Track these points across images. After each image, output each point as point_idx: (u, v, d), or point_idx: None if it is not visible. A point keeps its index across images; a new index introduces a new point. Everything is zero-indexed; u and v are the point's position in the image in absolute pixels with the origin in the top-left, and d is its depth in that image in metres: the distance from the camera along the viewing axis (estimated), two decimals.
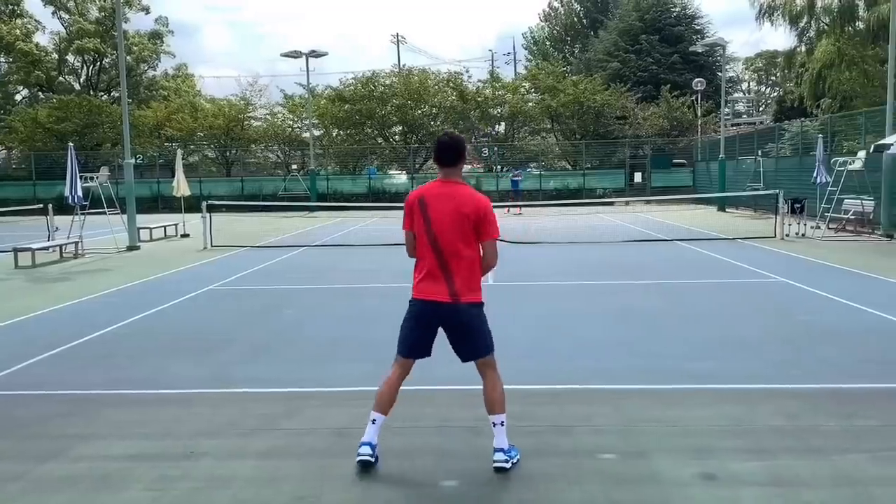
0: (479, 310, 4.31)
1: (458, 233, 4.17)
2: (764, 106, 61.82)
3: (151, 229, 20.70)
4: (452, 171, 4.30)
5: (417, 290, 4.29)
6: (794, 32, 36.93)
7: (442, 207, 4.19)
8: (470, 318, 4.25)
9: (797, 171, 23.20)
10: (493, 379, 4.33)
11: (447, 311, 4.21)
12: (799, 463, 4.26)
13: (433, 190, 4.29)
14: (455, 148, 4.29)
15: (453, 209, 4.17)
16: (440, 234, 4.18)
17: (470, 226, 4.17)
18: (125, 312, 9.29)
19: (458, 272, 4.19)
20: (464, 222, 4.16)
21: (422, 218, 4.23)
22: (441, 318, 4.26)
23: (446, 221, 4.17)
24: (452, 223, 4.16)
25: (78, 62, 50.79)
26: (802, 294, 9.97)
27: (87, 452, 4.65)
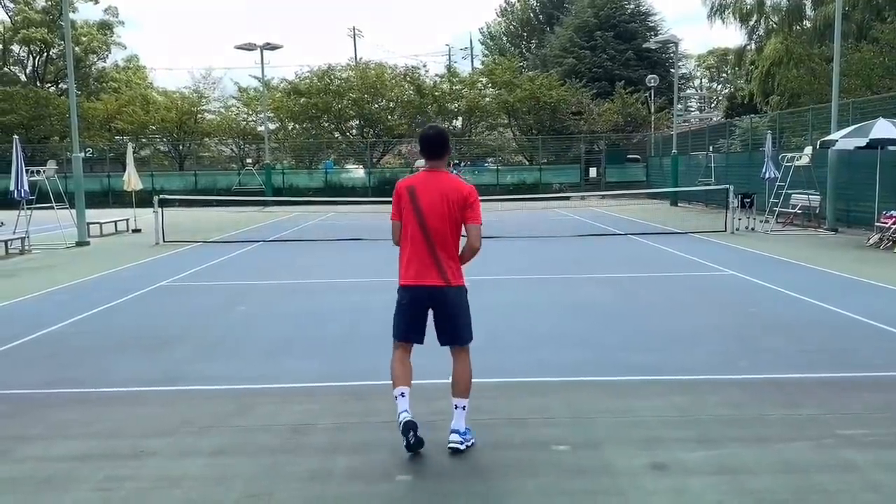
0: (464, 293, 4.54)
1: (447, 220, 4.37)
2: (715, 102, 62.99)
3: (101, 224, 20.25)
4: (438, 163, 4.50)
5: (408, 277, 4.46)
6: (744, 31, 37.89)
7: (431, 196, 4.37)
8: (459, 301, 4.49)
9: (747, 166, 23.71)
10: (466, 364, 4.52)
11: (440, 294, 4.41)
12: (745, 451, 4.36)
13: (422, 179, 4.46)
14: (440, 140, 4.51)
15: (441, 197, 4.35)
16: (430, 221, 4.36)
17: (457, 212, 4.37)
18: (73, 310, 9.07)
19: (448, 257, 4.42)
20: (452, 209, 4.36)
21: (411, 206, 4.39)
22: (434, 301, 4.44)
23: (435, 209, 4.35)
24: (441, 210, 4.35)
25: (24, 52, 49.34)
26: (750, 286, 10.20)
27: (31, 453, 4.53)
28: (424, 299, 4.45)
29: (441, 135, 4.55)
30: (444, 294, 4.42)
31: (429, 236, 4.38)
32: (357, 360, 6.65)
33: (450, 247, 4.43)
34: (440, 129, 4.66)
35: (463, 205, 4.38)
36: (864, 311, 8.19)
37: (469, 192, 4.43)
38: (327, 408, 5.29)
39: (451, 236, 4.42)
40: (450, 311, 4.47)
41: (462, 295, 4.51)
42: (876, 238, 14.48)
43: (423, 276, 4.40)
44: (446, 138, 4.56)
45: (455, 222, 4.40)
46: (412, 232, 4.41)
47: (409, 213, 4.41)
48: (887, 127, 14.28)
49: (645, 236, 17.12)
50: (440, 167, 4.51)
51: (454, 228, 4.41)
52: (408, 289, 4.47)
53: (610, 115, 39.01)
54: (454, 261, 4.47)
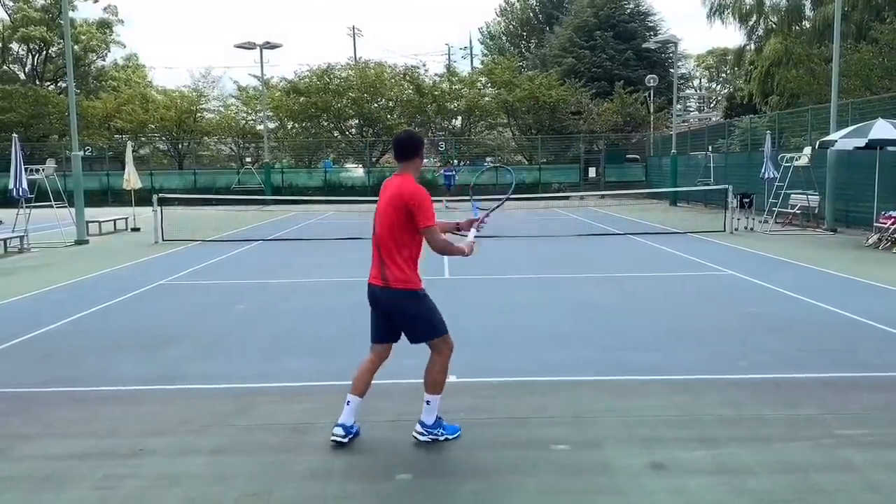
0: (413, 297, 4.46)
1: (388, 222, 4.43)
2: (715, 103, 63.04)
3: (101, 223, 20.25)
4: (406, 166, 4.54)
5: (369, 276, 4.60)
6: (743, 31, 37.86)
7: (383, 198, 4.52)
8: (403, 304, 4.47)
9: (746, 166, 23.72)
10: (434, 361, 4.54)
11: (380, 294, 4.48)
12: (744, 451, 4.36)
13: (387, 182, 4.62)
14: (406, 144, 4.55)
15: (387, 201, 4.47)
16: (378, 223, 4.52)
17: (401, 215, 4.38)
18: (72, 308, 9.06)
19: (389, 259, 4.43)
20: (393, 213, 4.40)
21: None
22: (378, 301, 4.53)
23: (382, 212, 4.49)
24: (385, 213, 4.46)
25: (23, 51, 49.28)
26: (749, 286, 10.20)
27: (30, 452, 4.53)
28: (372, 298, 4.56)
29: (409, 139, 4.61)
30: (383, 295, 4.46)
31: (375, 237, 4.53)
32: (356, 359, 6.56)
33: (391, 250, 4.41)
34: (411, 133, 4.82)
35: (407, 210, 4.34)
36: (864, 312, 8.19)
37: (410, 195, 4.35)
38: (327, 407, 5.27)
39: (391, 240, 4.41)
40: (396, 314, 4.50)
41: (405, 297, 4.43)
42: (875, 238, 14.49)
43: (372, 275, 4.54)
44: (413, 143, 4.57)
45: (395, 226, 4.39)
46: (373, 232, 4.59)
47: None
48: (886, 127, 14.28)
49: (644, 236, 17.13)
50: (405, 170, 4.53)
51: (400, 230, 4.38)
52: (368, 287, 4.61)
53: (609, 114, 39.02)
54: (396, 265, 4.40)
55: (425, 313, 4.50)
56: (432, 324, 4.51)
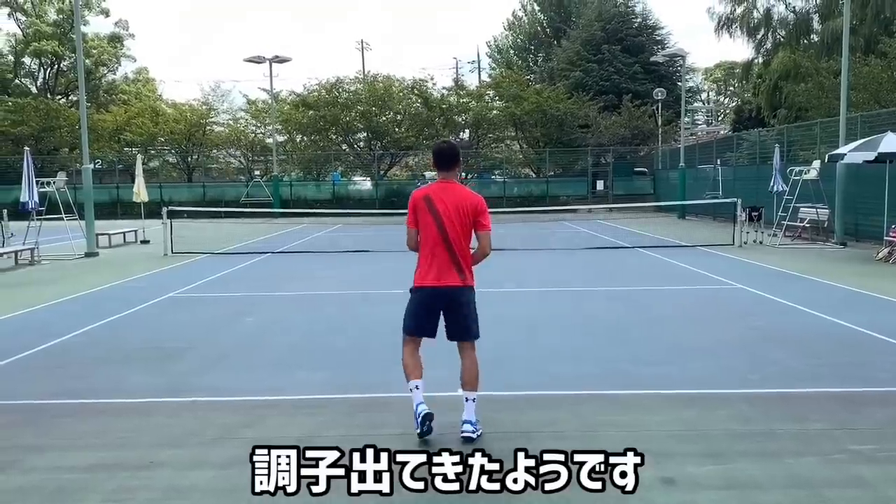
0: (474, 293, 5.00)
1: (462, 226, 4.80)
2: (723, 116, 63.05)
3: (110, 235, 20.36)
4: (450, 174, 4.93)
5: (428, 279, 4.84)
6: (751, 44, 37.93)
7: (446, 204, 4.79)
8: (470, 299, 4.94)
9: (754, 179, 23.68)
10: (473, 359, 4.95)
11: (458, 294, 4.86)
12: (754, 466, 4.35)
13: (437, 190, 4.88)
14: (452, 154, 4.97)
15: (456, 205, 4.79)
16: (449, 227, 4.77)
17: (470, 220, 4.81)
18: (82, 320, 9.11)
19: (464, 259, 4.86)
20: (465, 216, 4.79)
21: (429, 214, 4.80)
22: (450, 300, 4.87)
23: (451, 216, 4.77)
24: (457, 217, 4.78)
25: (35, 65, 49.79)
26: (758, 300, 10.18)
27: (41, 464, 4.55)
28: (443, 298, 4.86)
29: (453, 148, 5.03)
30: (461, 293, 4.86)
31: (448, 241, 4.78)
32: (365, 373, 6.66)
33: (465, 250, 4.87)
34: (452, 143, 5.26)
35: (474, 213, 4.82)
36: (874, 326, 8.15)
37: (479, 201, 4.89)
38: (336, 420, 5.30)
39: (465, 241, 4.86)
40: (464, 309, 4.89)
41: (473, 295, 4.98)
42: (885, 252, 14.43)
43: (443, 277, 4.82)
44: (458, 152, 5.05)
45: (467, 229, 4.84)
46: (432, 238, 4.81)
47: (427, 221, 4.81)
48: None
49: (652, 249, 17.11)
50: (452, 178, 4.93)
51: (467, 234, 4.86)
52: (426, 289, 4.86)
53: (617, 128, 39.06)
54: (467, 263, 4.90)
55: (476, 310, 5.01)
56: (478, 323, 5.02)
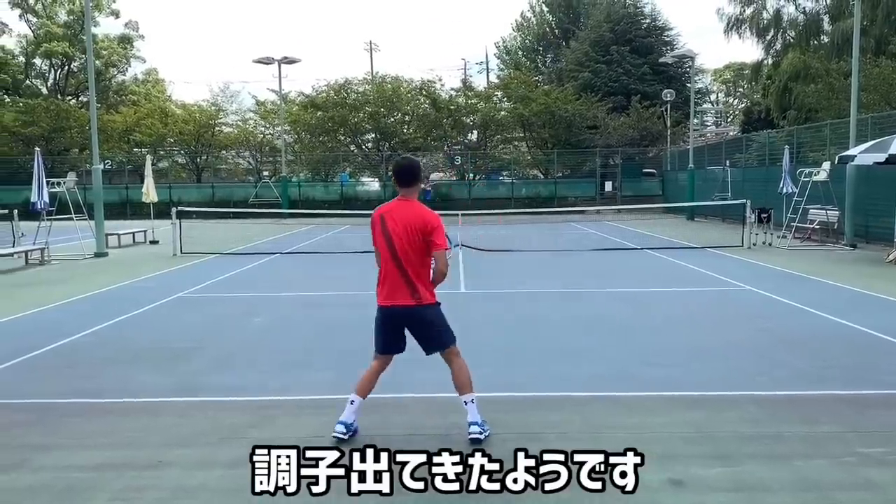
0: (437, 308, 4.92)
1: (410, 244, 4.71)
2: (732, 117, 62.85)
3: (120, 235, 20.45)
4: (408, 191, 4.84)
5: (382, 297, 4.86)
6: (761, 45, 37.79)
7: (397, 222, 4.73)
8: (431, 317, 4.87)
9: (764, 181, 23.59)
10: (459, 364, 4.91)
11: (411, 313, 4.82)
12: (762, 468, 4.33)
13: (391, 208, 4.84)
14: (411, 171, 4.86)
15: (405, 224, 4.71)
16: (398, 245, 4.72)
17: (419, 238, 4.71)
18: (91, 320, 9.15)
19: (418, 279, 4.77)
20: (413, 234, 4.70)
21: (382, 234, 4.78)
22: (407, 319, 4.85)
23: (401, 234, 4.71)
24: (405, 235, 4.71)
25: (45, 66, 50.08)
26: (767, 301, 10.13)
27: (50, 462, 4.58)
28: (398, 318, 4.85)
29: (411, 166, 4.91)
30: (415, 313, 4.81)
31: (397, 259, 4.74)
32: None
33: (417, 268, 4.76)
34: (413, 160, 5.10)
35: (423, 232, 4.70)
36: (883, 328, 8.11)
37: (430, 220, 4.74)
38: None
39: (416, 259, 4.74)
40: (427, 328, 4.88)
41: (433, 311, 4.88)
42: (895, 254, 14.34)
43: (393, 296, 4.79)
44: (416, 169, 4.91)
45: (417, 247, 4.72)
46: (384, 257, 4.80)
47: (380, 240, 4.81)
48: None
49: (661, 251, 17.06)
50: (410, 195, 4.83)
51: (418, 252, 4.74)
52: (382, 309, 4.88)
53: (625, 129, 38.99)
54: (422, 282, 4.79)
55: (445, 321, 4.95)
56: (450, 330, 4.97)
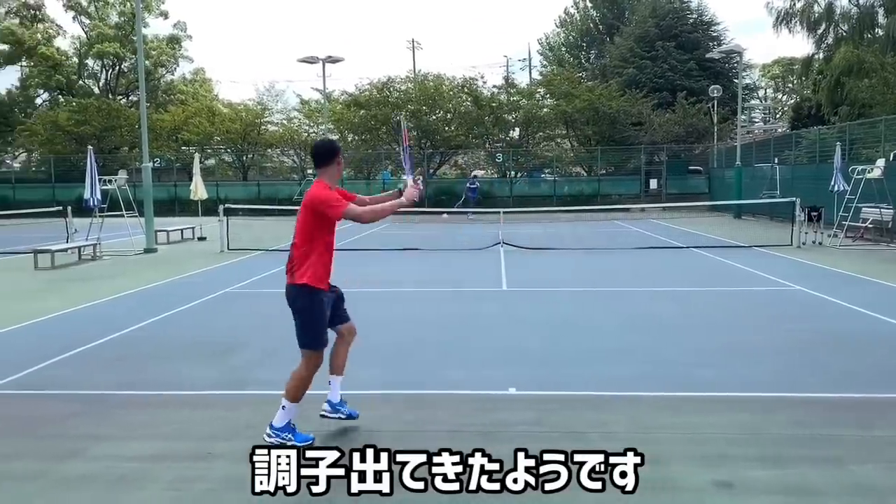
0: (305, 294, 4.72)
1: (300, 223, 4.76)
2: (781, 113, 61.46)
3: (168, 232, 20.87)
4: (321, 172, 4.88)
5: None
6: (812, 39, 36.80)
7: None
8: (295, 299, 4.75)
9: (814, 178, 23.02)
10: (300, 365, 4.84)
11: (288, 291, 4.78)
12: (814, 472, 4.24)
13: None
14: (319, 151, 4.92)
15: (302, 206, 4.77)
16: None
17: (311, 216, 4.72)
18: (141, 314, 9.37)
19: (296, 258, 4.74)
20: (306, 214, 4.73)
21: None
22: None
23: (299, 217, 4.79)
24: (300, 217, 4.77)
25: (97, 66, 51.37)
26: (818, 302, 9.90)
27: (105, 452, 4.71)
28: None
29: (321, 146, 4.98)
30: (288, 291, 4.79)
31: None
32: (417, 369, 6.70)
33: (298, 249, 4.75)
34: (325, 141, 5.16)
35: (314, 207, 4.70)
36: None
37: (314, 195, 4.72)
38: (387, 415, 5.35)
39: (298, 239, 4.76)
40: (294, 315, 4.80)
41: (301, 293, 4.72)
42: None
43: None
44: (326, 150, 4.90)
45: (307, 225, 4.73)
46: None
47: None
48: None
49: (707, 249, 16.78)
50: (321, 177, 4.86)
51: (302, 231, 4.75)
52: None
53: (671, 125, 38.42)
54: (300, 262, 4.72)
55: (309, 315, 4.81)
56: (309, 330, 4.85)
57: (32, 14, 49.05)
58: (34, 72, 48.70)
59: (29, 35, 47.15)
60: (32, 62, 48.35)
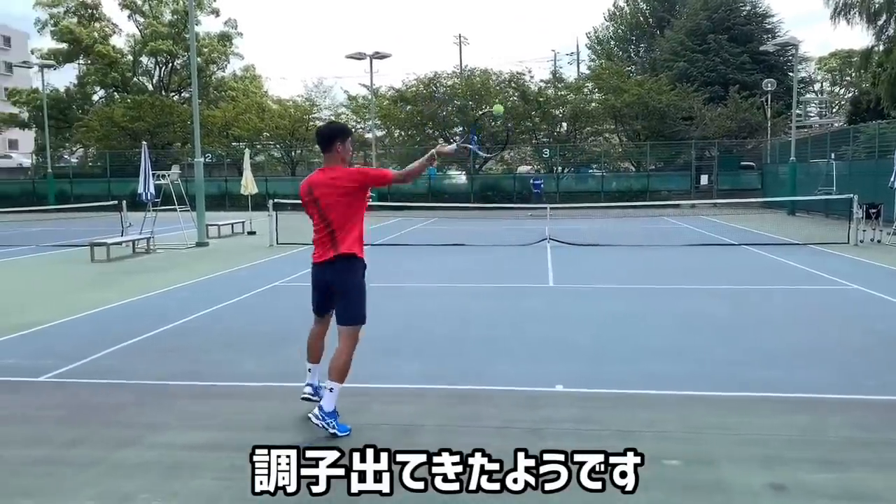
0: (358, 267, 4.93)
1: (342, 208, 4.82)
2: (838, 107, 59.73)
3: (220, 226, 21.28)
4: (328, 157, 4.93)
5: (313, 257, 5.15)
6: (871, 31, 35.58)
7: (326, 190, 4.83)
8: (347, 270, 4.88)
9: (872, 174, 22.32)
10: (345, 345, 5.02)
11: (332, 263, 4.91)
12: (874, 477, 4.12)
13: (317, 177, 4.94)
14: (325, 135, 4.92)
15: (335, 189, 4.79)
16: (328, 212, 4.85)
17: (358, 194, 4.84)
18: (194, 306, 9.57)
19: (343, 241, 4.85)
20: (348, 197, 4.81)
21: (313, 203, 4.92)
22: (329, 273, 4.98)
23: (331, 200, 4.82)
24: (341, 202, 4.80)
25: (151, 63, 52.51)
26: (878, 302, 9.60)
27: (160, 440, 4.82)
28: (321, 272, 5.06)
29: (326, 130, 4.97)
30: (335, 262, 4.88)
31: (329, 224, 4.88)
32: (463, 363, 6.71)
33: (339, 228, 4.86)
34: (330, 124, 5.17)
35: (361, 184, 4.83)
36: None
37: (357, 171, 4.89)
38: (434, 409, 5.36)
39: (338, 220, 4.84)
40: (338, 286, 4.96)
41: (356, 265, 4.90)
42: None
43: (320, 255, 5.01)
44: (331, 133, 4.92)
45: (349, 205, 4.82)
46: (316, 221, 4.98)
47: (312, 208, 4.96)
48: None
49: (760, 247, 16.42)
50: (331, 161, 4.91)
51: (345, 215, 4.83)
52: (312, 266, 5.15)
53: (723, 120, 37.64)
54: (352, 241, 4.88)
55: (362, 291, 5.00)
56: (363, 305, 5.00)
57: (90, 13, 50.39)
58: (91, 69, 50.03)
59: (86, 34, 48.45)
60: (89, 60, 49.68)
